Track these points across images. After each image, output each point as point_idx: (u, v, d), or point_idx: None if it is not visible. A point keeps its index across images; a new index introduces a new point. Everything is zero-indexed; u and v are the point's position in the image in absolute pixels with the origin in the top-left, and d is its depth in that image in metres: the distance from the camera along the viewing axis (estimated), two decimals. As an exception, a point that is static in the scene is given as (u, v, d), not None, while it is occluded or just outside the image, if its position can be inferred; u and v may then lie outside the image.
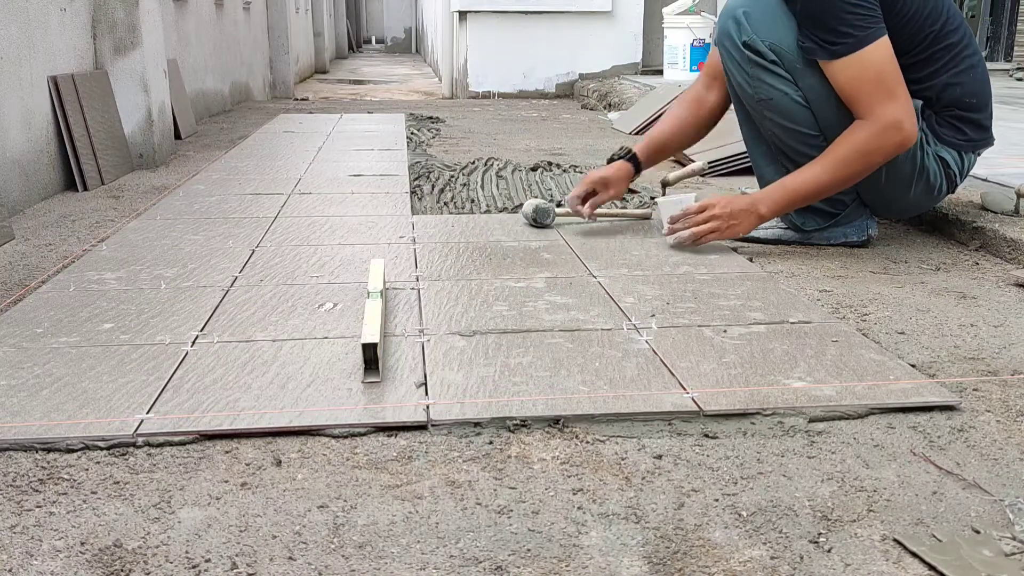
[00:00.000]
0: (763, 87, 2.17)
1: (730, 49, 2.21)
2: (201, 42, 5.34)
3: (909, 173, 2.15)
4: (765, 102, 2.18)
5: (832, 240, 2.28)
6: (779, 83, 2.15)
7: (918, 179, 2.16)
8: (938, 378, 1.44)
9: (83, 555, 0.97)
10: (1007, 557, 0.97)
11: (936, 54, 2.11)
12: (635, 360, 1.48)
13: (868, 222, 2.27)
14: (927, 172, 2.16)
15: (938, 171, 2.17)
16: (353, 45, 17.95)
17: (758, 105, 2.21)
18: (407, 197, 2.88)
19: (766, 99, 2.17)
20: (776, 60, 2.14)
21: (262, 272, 2.01)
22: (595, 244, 2.26)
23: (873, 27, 2.02)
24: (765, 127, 2.24)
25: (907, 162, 2.13)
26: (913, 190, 2.19)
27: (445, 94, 7.76)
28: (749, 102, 2.24)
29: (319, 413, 1.28)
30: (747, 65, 2.18)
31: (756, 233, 2.29)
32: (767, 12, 2.15)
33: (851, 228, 2.27)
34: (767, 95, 2.17)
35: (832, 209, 2.24)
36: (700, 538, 1.00)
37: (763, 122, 2.24)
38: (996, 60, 9.01)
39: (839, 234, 2.28)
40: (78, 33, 3.28)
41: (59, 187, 3.02)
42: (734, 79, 2.24)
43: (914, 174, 2.16)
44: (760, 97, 2.18)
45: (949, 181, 2.20)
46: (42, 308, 1.75)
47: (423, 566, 0.95)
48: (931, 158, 2.15)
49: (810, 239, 2.30)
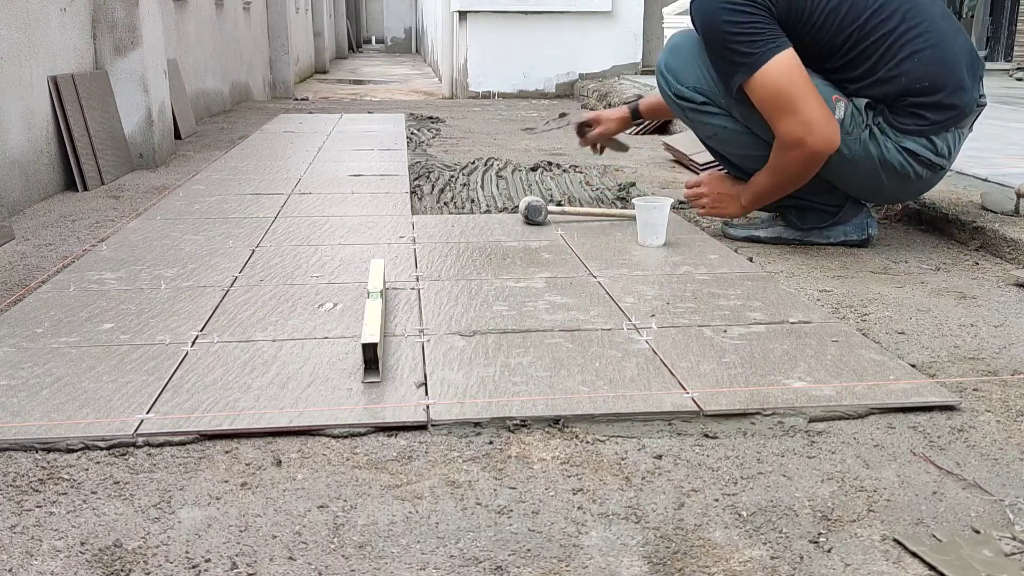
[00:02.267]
0: (704, 127, 2.29)
1: (668, 101, 2.34)
2: (201, 42, 5.34)
3: (872, 169, 2.13)
4: (712, 138, 2.31)
5: (832, 239, 2.29)
6: (716, 119, 2.25)
7: (885, 172, 2.13)
8: (938, 378, 1.44)
9: (83, 555, 0.97)
10: (1007, 557, 0.97)
11: (867, 50, 2.06)
12: (635, 360, 1.48)
13: (868, 220, 2.29)
14: (891, 165, 2.12)
15: (904, 161, 2.11)
16: (353, 45, 17.95)
17: (708, 141, 2.36)
18: (407, 197, 2.88)
19: (711, 135, 2.30)
20: (706, 100, 2.24)
21: (262, 272, 2.01)
22: (595, 244, 2.26)
23: (760, 49, 2.04)
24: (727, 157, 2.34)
25: (865, 160, 2.12)
26: (886, 183, 2.16)
27: (445, 94, 7.76)
28: (702, 140, 2.39)
29: (319, 413, 1.28)
30: (685, 112, 2.30)
31: (757, 233, 2.35)
32: (685, 59, 2.26)
33: (851, 226, 2.28)
34: (711, 132, 2.29)
35: (831, 207, 2.26)
36: (700, 538, 1.00)
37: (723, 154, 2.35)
38: (996, 60, 9.01)
39: (839, 232, 2.29)
40: (78, 33, 3.28)
41: (59, 187, 3.02)
42: (684, 123, 2.39)
43: (878, 169, 2.13)
44: (706, 135, 2.32)
45: (926, 166, 2.13)
46: (42, 308, 1.75)
47: (423, 566, 0.95)
48: (892, 151, 2.11)
49: (810, 237, 2.31)
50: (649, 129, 4.65)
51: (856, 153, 2.11)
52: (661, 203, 2.24)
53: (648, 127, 4.65)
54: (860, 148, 2.11)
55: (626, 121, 2.69)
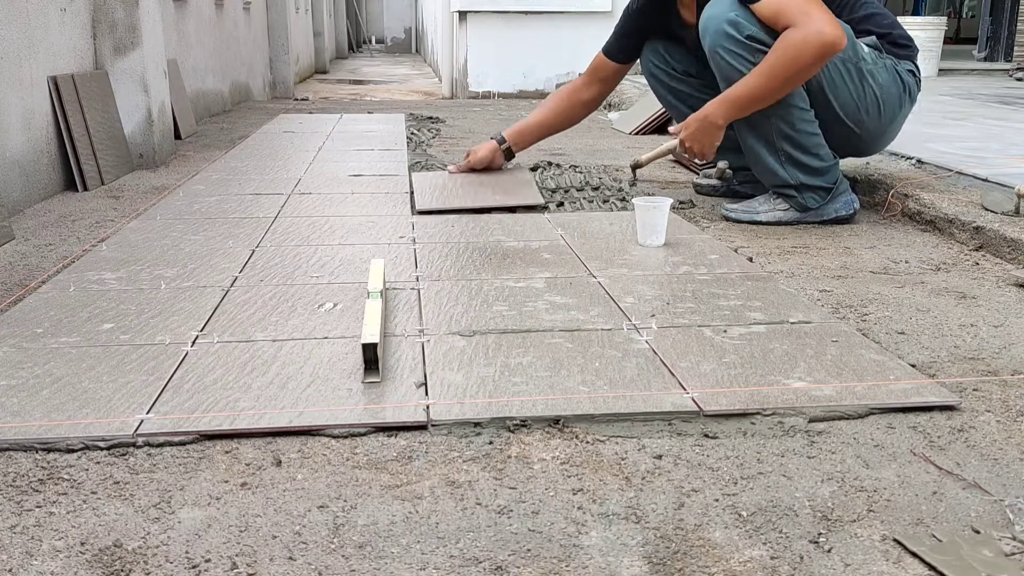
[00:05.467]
0: None
1: (731, 48, 2.38)
2: (201, 42, 5.34)
3: (897, 94, 2.48)
4: None
5: (825, 216, 2.51)
6: None
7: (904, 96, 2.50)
8: (938, 378, 1.44)
9: (83, 555, 0.97)
10: (1007, 557, 0.97)
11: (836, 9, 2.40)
12: (635, 360, 1.48)
13: (852, 197, 2.53)
14: (908, 86, 2.50)
15: (913, 82, 2.52)
16: (353, 45, 17.95)
17: None
18: (407, 197, 2.88)
19: None
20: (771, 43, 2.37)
21: (262, 272, 2.01)
22: (595, 244, 2.26)
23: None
24: (769, 113, 2.42)
25: (892, 85, 2.46)
26: (902, 109, 2.52)
27: (445, 94, 7.76)
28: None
29: (319, 413, 1.28)
30: (754, 56, 2.36)
31: (758, 216, 2.53)
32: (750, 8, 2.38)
33: (840, 203, 2.51)
34: None
35: (827, 183, 2.49)
36: (700, 538, 1.00)
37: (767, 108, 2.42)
38: (996, 60, 9.00)
39: (831, 210, 2.51)
40: (78, 33, 3.28)
41: (59, 187, 3.02)
42: (738, 77, 2.39)
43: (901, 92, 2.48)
44: None
45: (919, 85, 2.56)
46: (42, 308, 1.75)
47: (423, 566, 0.95)
48: (905, 73, 2.49)
49: (807, 218, 2.51)
50: (649, 129, 4.65)
51: (886, 79, 2.45)
52: (661, 203, 2.24)
53: (648, 127, 4.65)
54: (887, 75, 2.45)
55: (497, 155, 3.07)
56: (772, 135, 2.45)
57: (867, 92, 2.44)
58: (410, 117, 5.32)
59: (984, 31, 9.55)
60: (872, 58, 2.44)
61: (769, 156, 2.48)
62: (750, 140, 2.52)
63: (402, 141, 4.22)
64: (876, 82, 2.44)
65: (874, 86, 2.44)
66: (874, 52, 2.45)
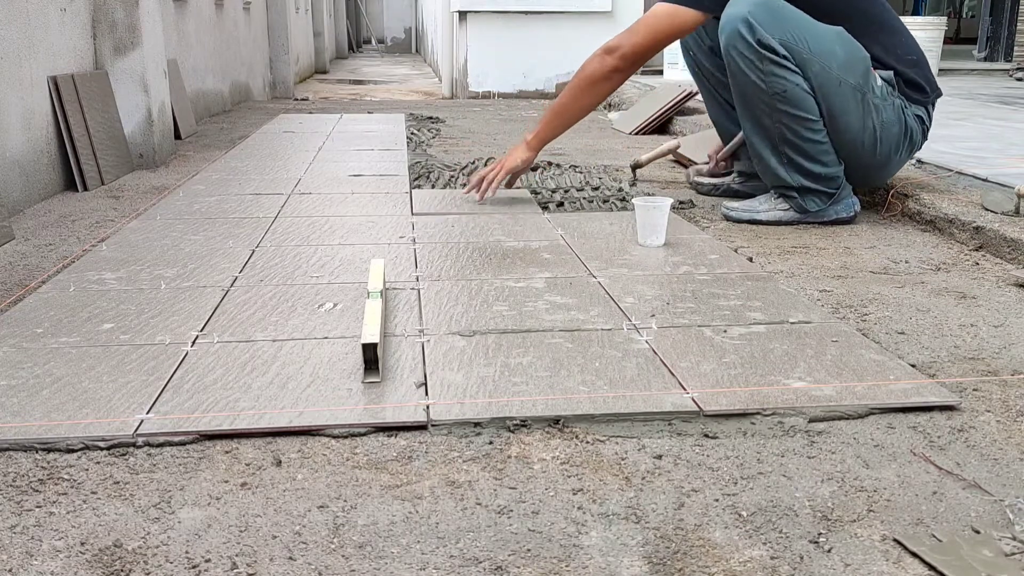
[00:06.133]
0: (777, 81, 2.36)
1: (743, 50, 2.38)
2: (201, 42, 5.34)
3: (898, 133, 2.44)
4: (779, 95, 2.38)
5: (825, 217, 2.50)
6: (791, 76, 2.36)
7: (906, 138, 2.46)
8: (938, 378, 1.44)
9: (83, 555, 0.97)
10: (1007, 557, 0.97)
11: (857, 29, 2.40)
12: (635, 360, 1.48)
13: (853, 200, 2.52)
14: (910, 130, 2.46)
15: (917, 128, 2.48)
16: (353, 45, 17.94)
17: (772, 99, 2.39)
18: (407, 197, 2.88)
19: (780, 92, 2.37)
20: (787, 55, 2.34)
21: (262, 272, 2.01)
22: (595, 244, 2.26)
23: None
24: (774, 118, 2.42)
25: (895, 124, 2.43)
26: (903, 149, 2.48)
27: (445, 94, 7.76)
28: (762, 98, 2.41)
29: (319, 413, 1.28)
30: (762, 63, 2.36)
31: (759, 216, 2.53)
32: (772, 11, 2.36)
33: (842, 206, 2.50)
34: (781, 88, 2.37)
35: (830, 189, 2.46)
36: (700, 538, 1.00)
37: (772, 114, 2.42)
38: (996, 60, 9.01)
39: (832, 212, 2.50)
40: (78, 33, 3.28)
41: (59, 187, 3.02)
42: (746, 79, 2.40)
43: (902, 134, 2.44)
44: (775, 91, 2.38)
45: (924, 135, 2.52)
46: (42, 308, 1.75)
47: (423, 566, 0.95)
48: (911, 117, 2.46)
49: (807, 218, 2.51)
50: (649, 129, 4.65)
51: (889, 119, 2.41)
52: (661, 203, 2.24)
53: (648, 127, 4.65)
54: (892, 114, 2.41)
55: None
56: (775, 138, 2.44)
57: (867, 123, 2.40)
58: (410, 117, 5.32)
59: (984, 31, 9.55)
60: (882, 93, 2.40)
61: (772, 157, 2.48)
62: (754, 139, 2.52)
63: (402, 141, 4.22)
64: (879, 117, 2.40)
65: (875, 120, 2.40)
66: (886, 87, 2.41)
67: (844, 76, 2.36)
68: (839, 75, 2.35)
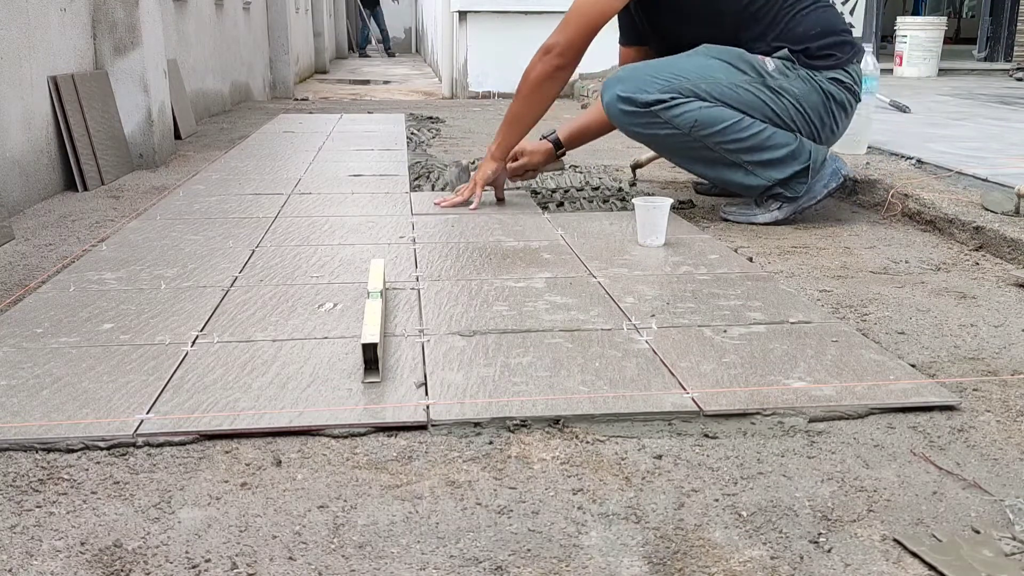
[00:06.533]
0: (682, 118, 2.39)
1: (636, 119, 2.46)
2: (201, 42, 5.34)
3: (820, 100, 2.45)
4: (694, 126, 2.40)
5: (818, 196, 2.47)
6: (690, 105, 2.38)
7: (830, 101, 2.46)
8: (938, 378, 1.44)
9: (83, 555, 0.97)
10: (1007, 557, 0.97)
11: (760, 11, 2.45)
12: (635, 360, 1.48)
13: (837, 164, 2.48)
14: (831, 94, 2.46)
15: (838, 89, 2.47)
16: (353, 45, 17.94)
17: (692, 133, 2.42)
18: (407, 197, 2.88)
19: (692, 123, 2.39)
20: (673, 95, 2.39)
21: (262, 272, 2.01)
22: (595, 244, 2.26)
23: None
24: (708, 146, 2.43)
25: (812, 93, 2.44)
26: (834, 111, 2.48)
27: (445, 94, 7.75)
28: (684, 140, 2.45)
29: (319, 413, 1.28)
30: (659, 116, 2.40)
31: (755, 219, 2.53)
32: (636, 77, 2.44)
33: (826, 176, 2.46)
34: (691, 120, 2.39)
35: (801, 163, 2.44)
36: (700, 538, 1.00)
37: (703, 145, 2.43)
38: (996, 60, 9.00)
39: (820, 187, 2.46)
40: (78, 33, 3.28)
41: (59, 187, 3.02)
42: (661, 138, 2.48)
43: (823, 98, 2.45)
44: (688, 126, 2.40)
45: (851, 92, 2.51)
46: (42, 308, 1.75)
47: (423, 566, 0.95)
48: (826, 83, 2.45)
49: (802, 205, 2.48)
50: None
51: (802, 89, 2.42)
52: (661, 203, 2.24)
53: None
54: (803, 84, 2.43)
55: (550, 153, 2.79)
56: (724, 160, 2.45)
57: (785, 103, 2.41)
58: (410, 117, 5.32)
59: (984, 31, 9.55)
60: (780, 72, 2.42)
61: (735, 175, 2.48)
62: (710, 174, 2.56)
63: (402, 141, 4.22)
64: (790, 94, 2.42)
65: (790, 99, 2.42)
66: (784, 65, 2.42)
67: (732, 79, 2.39)
68: (728, 81, 2.39)
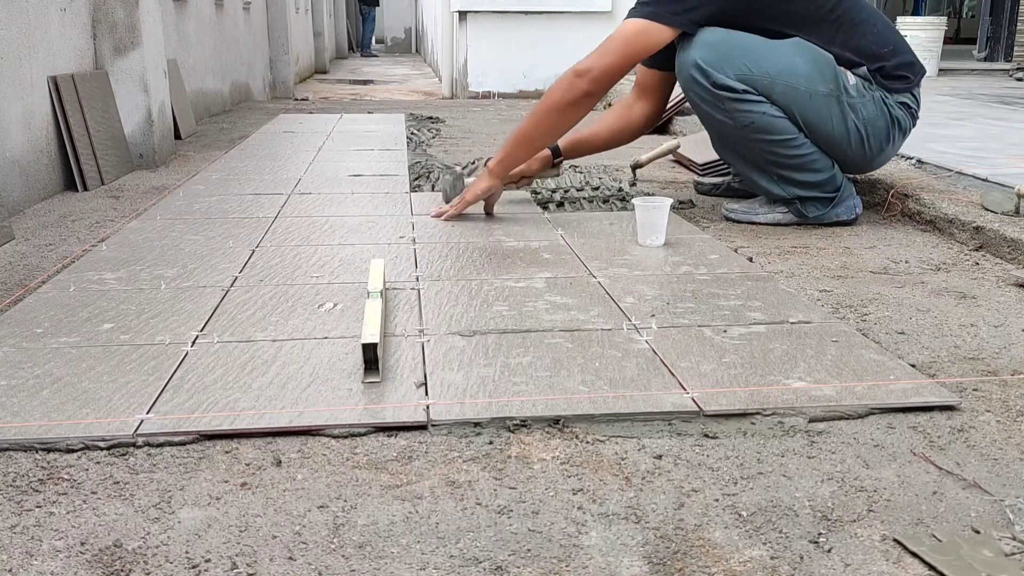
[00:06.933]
0: (742, 115, 2.35)
1: (701, 94, 2.38)
2: (201, 42, 5.34)
3: (885, 126, 2.41)
4: (749, 127, 2.36)
5: (825, 220, 2.49)
6: (755, 107, 2.34)
7: (893, 128, 2.43)
8: (938, 378, 1.44)
9: (83, 555, 0.97)
10: (1007, 557, 0.97)
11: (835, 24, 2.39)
12: (635, 360, 1.48)
13: (855, 201, 2.50)
14: (897, 120, 2.43)
15: (904, 115, 2.45)
16: (353, 45, 17.94)
17: (743, 131, 2.38)
18: (407, 197, 2.88)
19: (748, 124, 2.35)
20: (746, 88, 2.33)
21: (262, 272, 2.01)
22: (595, 244, 2.26)
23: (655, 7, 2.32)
24: (751, 147, 2.41)
25: (879, 118, 2.40)
26: (895, 139, 2.46)
27: (445, 94, 7.76)
28: (734, 132, 2.40)
29: (319, 413, 1.28)
30: (723, 103, 2.35)
31: (757, 218, 2.53)
32: (722, 51, 2.33)
33: (842, 208, 2.48)
34: (748, 120, 2.35)
35: (828, 194, 2.45)
36: (700, 538, 1.00)
37: (749, 143, 2.40)
38: (996, 60, 9.01)
39: (832, 215, 2.48)
40: (78, 33, 3.28)
41: (59, 187, 3.02)
42: (713, 119, 2.42)
43: (889, 125, 2.42)
44: (743, 124, 2.36)
45: (913, 117, 2.49)
46: (42, 308, 1.75)
47: (423, 566, 0.95)
48: (896, 108, 2.42)
49: (807, 221, 2.49)
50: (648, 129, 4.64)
51: (871, 113, 2.38)
52: (661, 203, 2.24)
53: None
54: (874, 108, 2.39)
55: (548, 161, 2.68)
56: (759, 162, 2.43)
57: (849, 126, 2.36)
58: (410, 117, 5.32)
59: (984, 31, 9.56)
60: (858, 90, 2.36)
61: (761, 178, 2.47)
62: (739, 166, 2.53)
63: (402, 141, 4.22)
64: (859, 116, 2.37)
65: (856, 121, 2.37)
66: (862, 84, 2.37)
67: (813, 87, 2.32)
68: (807, 87, 2.32)
